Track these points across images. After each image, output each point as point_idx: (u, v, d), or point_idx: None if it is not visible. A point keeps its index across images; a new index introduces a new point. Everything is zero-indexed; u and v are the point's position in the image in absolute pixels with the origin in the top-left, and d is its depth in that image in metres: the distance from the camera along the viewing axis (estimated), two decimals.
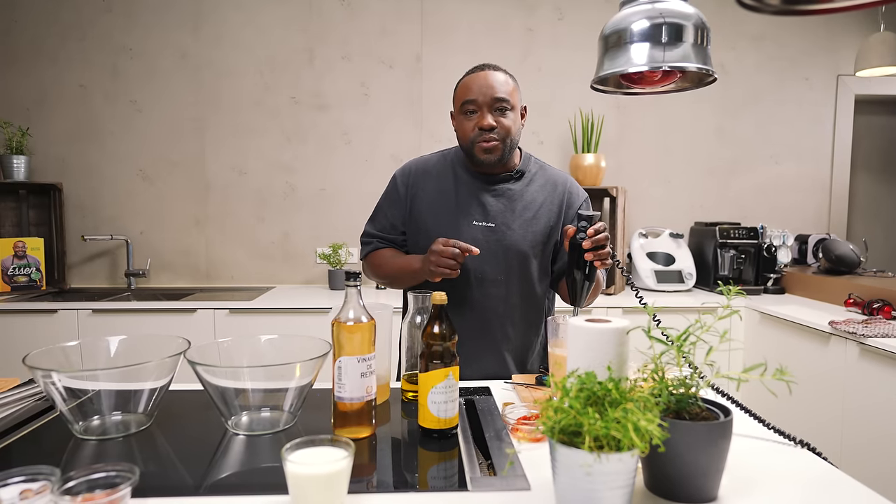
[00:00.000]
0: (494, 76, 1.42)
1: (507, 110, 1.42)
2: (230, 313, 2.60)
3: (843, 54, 3.37)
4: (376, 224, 1.59)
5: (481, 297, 1.46)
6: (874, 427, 2.02)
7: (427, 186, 1.53)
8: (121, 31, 3.05)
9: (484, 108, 1.41)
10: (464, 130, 1.45)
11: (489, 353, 1.47)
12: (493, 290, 1.46)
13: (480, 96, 1.40)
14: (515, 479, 0.85)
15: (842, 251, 2.82)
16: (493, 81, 1.41)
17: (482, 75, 1.43)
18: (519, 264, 1.47)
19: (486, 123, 1.40)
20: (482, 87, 1.41)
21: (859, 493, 0.82)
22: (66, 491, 0.69)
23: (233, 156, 3.14)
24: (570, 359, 0.93)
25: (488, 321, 1.47)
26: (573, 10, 3.22)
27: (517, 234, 1.46)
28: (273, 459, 0.91)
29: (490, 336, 1.47)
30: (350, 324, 0.97)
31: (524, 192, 1.50)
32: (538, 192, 1.51)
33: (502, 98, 1.40)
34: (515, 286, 1.48)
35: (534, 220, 1.48)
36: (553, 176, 1.54)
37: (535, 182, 1.52)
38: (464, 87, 1.45)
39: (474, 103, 1.41)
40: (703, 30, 0.99)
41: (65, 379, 0.97)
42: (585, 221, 1.27)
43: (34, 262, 2.89)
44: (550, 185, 1.52)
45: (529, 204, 1.49)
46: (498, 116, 1.41)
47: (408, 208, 1.54)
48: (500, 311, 1.47)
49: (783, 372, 0.74)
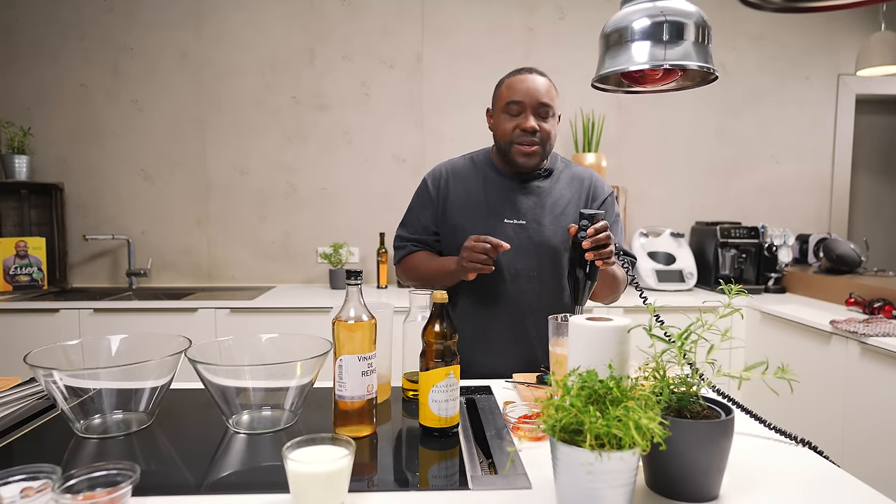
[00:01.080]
0: (540, 80, 1.46)
1: (549, 116, 1.45)
2: (231, 312, 2.60)
3: (844, 54, 3.36)
4: (408, 228, 1.61)
5: (515, 293, 1.49)
6: (875, 426, 2.02)
7: (457, 188, 1.56)
8: (122, 30, 3.06)
9: (528, 111, 1.44)
10: (504, 129, 1.47)
11: (522, 347, 1.50)
12: (526, 285, 1.49)
13: (527, 98, 1.43)
14: (516, 478, 0.85)
15: (843, 250, 2.82)
16: (539, 85, 1.44)
17: (529, 78, 1.46)
18: (550, 260, 1.50)
19: (529, 126, 1.43)
20: (529, 89, 1.44)
21: (861, 491, 0.82)
22: (67, 489, 0.69)
23: (234, 155, 3.14)
24: (572, 357, 0.93)
25: (522, 317, 1.50)
26: (574, 9, 3.22)
27: (548, 229, 1.50)
28: (274, 458, 0.91)
29: (524, 331, 1.50)
30: (351, 322, 0.97)
31: (553, 189, 1.53)
32: (566, 189, 1.54)
33: (547, 103, 1.44)
34: (548, 281, 1.51)
35: (563, 216, 1.51)
36: (579, 172, 1.59)
37: (563, 179, 1.55)
38: (509, 86, 1.47)
39: (520, 105, 1.44)
40: (705, 28, 0.99)
41: (66, 378, 0.97)
42: (587, 220, 1.27)
43: (36, 261, 2.89)
44: (577, 181, 1.56)
45: (558, 200, 1.53)
46: (540, 121, 1.44)
47: (440, 210, 1.56)
48: (534, 306, 1.50)
49: (784, 370, 0.74)
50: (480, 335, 1.49)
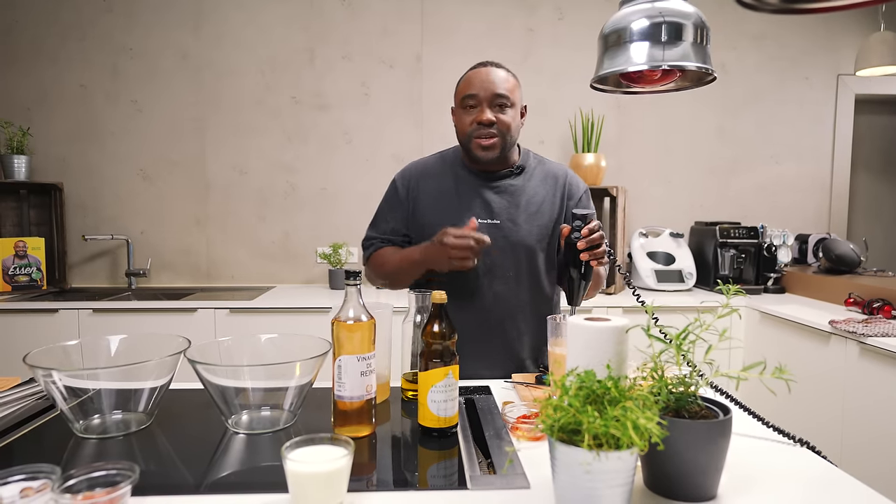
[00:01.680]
0: (496, 72, 1.43)
1: (506, 107, 1.42)
2: (231, 313, 2.60)
3: (844, 54, 3.36)
4: (377, 229, 1.58)
5: (491, 294, 1.46)
6: (874, 426, 2.02)
7: (428, 188, 1.53)
8: (121, 30, 3.06)
9: (484, 104, 1.41)
10: (462, 125, 1.46)
11: (503, 349, 1.48)
12: (502, 286, 1.47)
13: (481, 91, 1.41)
14: (515, 478, 0.85)
15: (842, 251, 2.82)
16: (495, 77, 1.42)
17: (484, 71, 1.44)
18: (527, 259, 1.48)
19: (485, 118, 1.40)
20: (483, 82, 1.42)
21: (859, 491, 0.82)
22: (67, 489, 0.69)
23: (233, 155, 3.14)
24: (570, 357, 0.93)
25: (500, 318, 1.48)
26: (573, 9, 3.22)
27: (523, 229, 1.47)
28: (273, 458, 0.92)
29: (503, 333, 1.48)
30: (350, 323, 0.97)
31: (526, 188, 1.51)
32: (539, 187, 1.52)
33: (502, 94, 1.41)
34: (525, 281, 1.49)
35: (538, 214, 1.49)
36: (553, 169, 1.56)
37: (536, 177, 1.53)
38: (465, 81, 1.46)
39: (475, 98, 1.42)
40: (703, 29, 0.99)
41: (65, 378, 0.97)
42: (580, 220, 1.27)
43: (35, 261, 2.89)
44: (551, 178, 1.53)
45: (532, 198, 1.50)
46: (497, 113, 1.42)
47: (410, 210, 1.53)
48: (512, 306, 1.48)
49: (782, 370, 0.74)
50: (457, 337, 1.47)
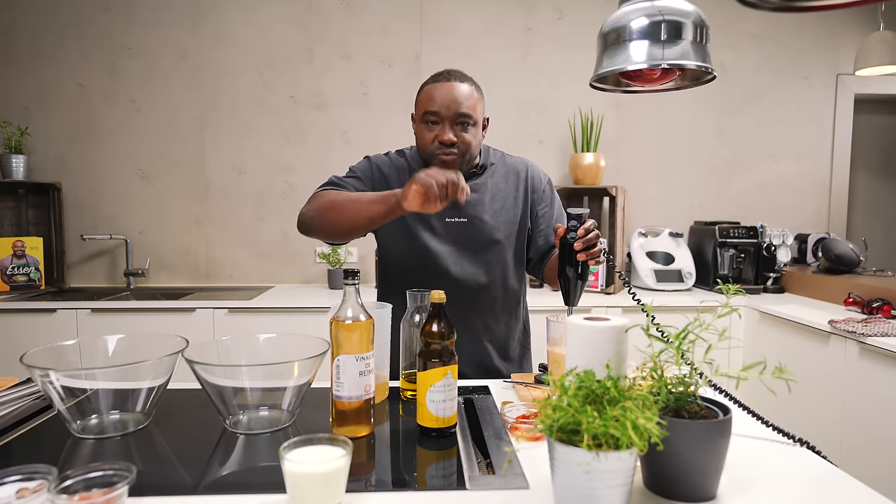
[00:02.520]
0: (459, 89, 1.38)
1: (468, 125, 1.39)
2: (229, 312, 2.60)
3: (843, 53, 3.36)
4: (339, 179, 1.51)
5: (461, 290, 1.45)
6: (874, 426, 2.02)
7: (396, 183, 1.49)
8: (120, 30, 3.05)
9: (446, 123, 1.38)
10: (424, 140, 1.43)
11: (471, 344, 1.48)
12: (472, 282, 1.47)
13: (443, 109, 1.37)
14: (514, 478, 0.84)
15: (841, 250, 2.82)
16: (458, 95, 1.37)
17: (447, 87, 1.39)
18: (496, 255, 1.49)
19: (446, 139, 1.37)
20: (445, 99, 1.37)
21: (859, 492, 0.82)
22: (64, 490, 0.69)
23: (232, 155, 3.14)
24: (569, 357, 0.93)
25: (469, 314, 1.47)
26: (573, 8, 3.22)
27: (490, 225, 1.48)
28: (271, 458, 0.91)
29: (471, 328, 1.48)
30: (348, 322, 0.97)
31: (489, 184, 1.51)
32: (502, 182, 1.52)
33: (465, 114, 1.38)
34: (494, 277, 1.49)
35: (503, 210, 1.50)
36: (514, 164, 1.56)
37: (498, 172, 1.53)
38: (427, 95, 1.41)
39: (436, 115, 1.39)
40: (702, 27, 0.98)
41: (62, 378, 0.97)
42: (575, 220, 1.26)
43: (33, 261, 2.89)
44: (514, 173, 1.54)
45: (497, 194, 1.50)
46: (459, 131, 1.39)
47: None
48: (481, 302, 1.49)
49: (782, 370, 0.74)
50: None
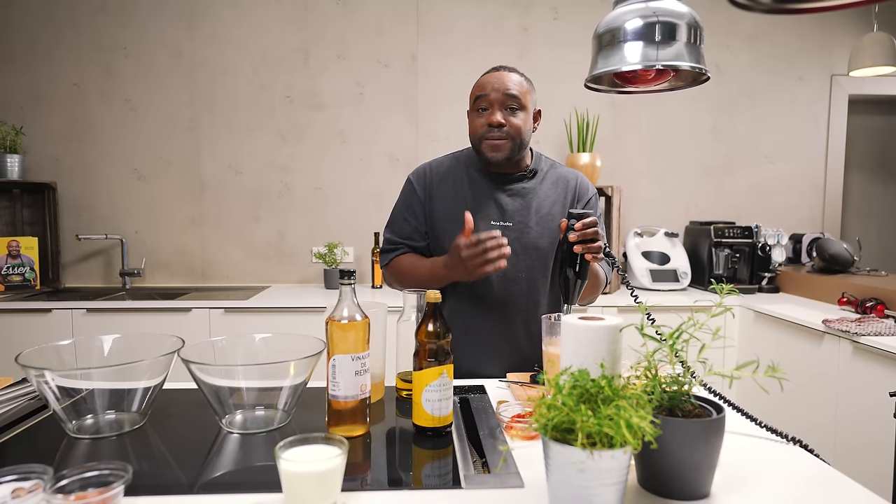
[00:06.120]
0: (509, 76, 1.44)
1: (517, 109, 1.43)
2: (225, 312, 2.59)
3: (837, 54, 3.38)
4: (396, 230, 1.57)
5: (504, 296, 1.47)
6: (867, 425, 2.03)
7: (442, 189, 1.53)
8: (115, 29, 3.04)
9: (495, 105, 1.42)
10: (474, 126, 1.47)
11: (511, 350, 1.49)
12: (515, 288, 1.48)
13: (493, 93, 1.42)
14: (509, 477, 0.85)
15: (835, 250, 2.83)
16: (507, 80, 1.43)
17: (497, 74, 1.45)
18: (539, 261, 1.49)
19: (495, 120, 1.41)
20: (495, 84, 1.43)
21: (852, 490, 0.83)
22: (59, 489, 0.69)
23: (228, 155, 3.13)
24: (564, 356, 0.94)
25: (511, 320, 1.49)
26: (568, 9, 3.22)
27: (535, 231, 1.48)
28: (267, 458, 0.91)
29: (513, 334, 1.49)
30: (344, 322, 0.97)
31: (538, 190, 1.52)
32: (551, 190, 1.53)
33: (514, 96, 1.42)
34: (537, 283, 1.50)
35: (549, 217, 1.50)
36: (564, 173, 1.57)
37: (548, 180, 1.54)
38: (478, 84, 1.47)
39: (486, 99, 1.43)
40: (697, 28, 0.99)
41: (58, 378, 0.97)
42: (575, 219, 1.27)
43: (28, 261, 2.88)
44: (563, 181, 1.55)
45: (544, 201, 1.51)
46: (508, 115, 1.42)
47: (427, 210, 1.54)
48: (523, 308, 1.49)
49: (775, 369, 0.74)
50: (468, 338, 1.47)
